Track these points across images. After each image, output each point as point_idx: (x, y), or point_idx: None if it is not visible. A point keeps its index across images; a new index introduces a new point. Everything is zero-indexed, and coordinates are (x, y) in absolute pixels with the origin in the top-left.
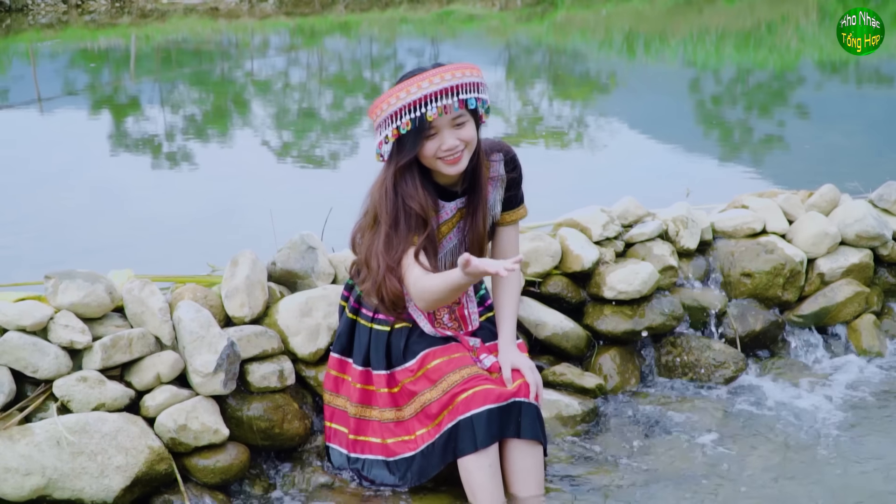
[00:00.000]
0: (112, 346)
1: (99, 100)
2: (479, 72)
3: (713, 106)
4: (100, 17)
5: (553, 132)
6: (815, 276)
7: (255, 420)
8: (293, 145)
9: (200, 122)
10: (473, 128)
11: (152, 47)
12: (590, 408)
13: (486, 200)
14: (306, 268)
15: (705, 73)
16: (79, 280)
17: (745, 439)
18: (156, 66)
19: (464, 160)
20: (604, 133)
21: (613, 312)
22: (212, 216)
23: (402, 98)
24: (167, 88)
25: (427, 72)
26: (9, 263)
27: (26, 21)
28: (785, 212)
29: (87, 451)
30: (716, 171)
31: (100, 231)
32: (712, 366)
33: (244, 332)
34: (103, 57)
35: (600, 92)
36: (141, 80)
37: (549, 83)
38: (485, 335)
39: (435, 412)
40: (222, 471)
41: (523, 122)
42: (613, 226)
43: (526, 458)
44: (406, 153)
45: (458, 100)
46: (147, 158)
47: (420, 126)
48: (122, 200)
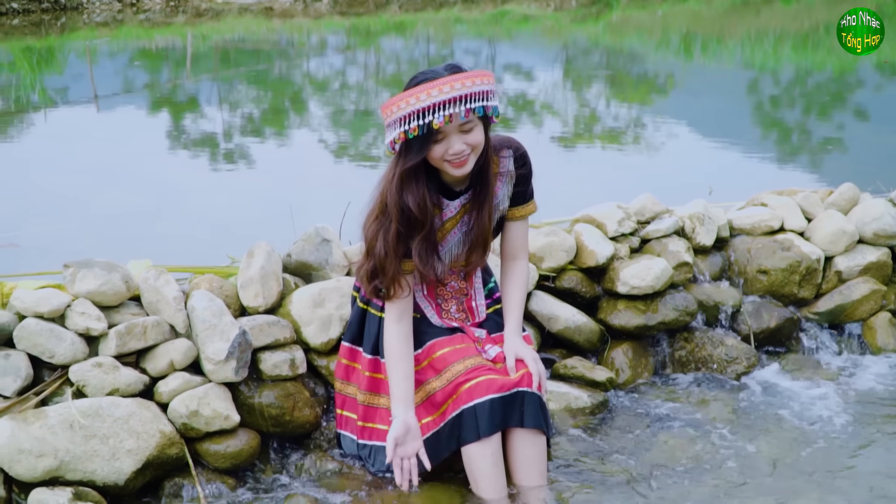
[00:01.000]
0: (127, 333)
1: (157, 98)
2: (489, 79)
3: (771, 108)
4: (154, 16)
5: (610, 133)
6: (833, 274)
7: (266, 407)
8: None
9: (257, 120)
10: (481, 132)
11: (209, 46)
12: (599, 401)
13: (492, 197)
14: (320, 260)
15: (763, 75)
16: (96, 269)
17: (754, 435)
18: (214, 65)
19: (470, 163)
20: (660, 134)
21: (626, 307)
22: (265, 212)
23: (412, 104)
24: (224, 87)
25: (438, 80)
26: (59, 255)
27: (81, 19)
28: (804, 210)
29: (100, 435)
30: (775, 173)
31: (152, 225)
32: (725, 361)
33: (257, 322)
34: (161, 56)
35: (658, 93)
36: (199, 78)
37: (607, 84)
38: (491, 326)
39: (440, 401)
40: (233, 456)
41: (580, 123)
42: (629, 222)
43: (529, 447)
44: (413, 156)
45: (465, 109)
46: (203, 156)
47: (427, 132)
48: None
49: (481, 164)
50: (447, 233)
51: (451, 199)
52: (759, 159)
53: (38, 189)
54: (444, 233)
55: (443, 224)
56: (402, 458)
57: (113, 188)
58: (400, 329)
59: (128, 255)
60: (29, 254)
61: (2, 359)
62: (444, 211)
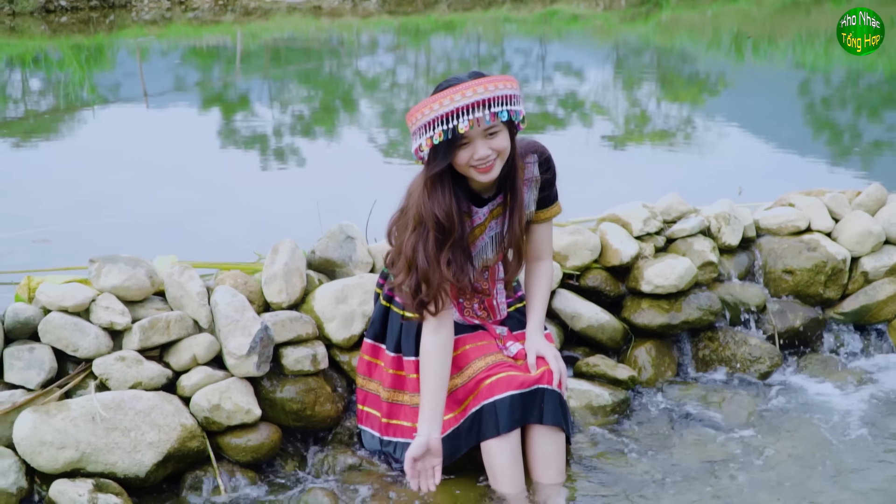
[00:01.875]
0: (150, 327)
1: (207, 97)
2: (514, 84)
3: (823, 108)
4: (203, 14)
5: (659, 133)
6: (859, 275)
7: (288, 402)
8: (400, 143)
9: (307, 118)
10: (506, 138)
11: (259, 45)
12: (621, 399)
13: (522, 204)
14: (344, 257)
15: (815, 76)
16: (121, 264)
17: (775, 435)
18: (265, 63)
19: (496, 168)
20: (711, 134)
21: (650, 306)
22: (310, 210)
23: (436, 109)
24: (274, 85)
25: (461, 84)
26: (97, 251)
27: (129, 17)
28: (831, 210)
29: (121, 427)
30: (824, 174)
31: (196, 222)
32: (748, 361)
33: (279, 317)
34: (211, 54)
35: (709, 93)
36: (250, 76)
37: (658, 84)
38: (513, 324)
39: (461, 397)
40: (253, 450)
41: (630, 123)
42: (655, 221)
43: (548, 444)
44: (439, 162)
45: (489, 113)
46: (252, 154)
47: (453, 137)
48: (223, 192)
49: (508, 170)
50: (476, 238)
51: (480, 206)
52: (809, 160)
53: (83, 186)
54: (473, 238)
55: (472, 230)
56: (418, 471)
57: (160, 185)
58: (437, 340)
59: (167, 251)
60: (65, 249)
61: (26, 352)
62: (473, 218)
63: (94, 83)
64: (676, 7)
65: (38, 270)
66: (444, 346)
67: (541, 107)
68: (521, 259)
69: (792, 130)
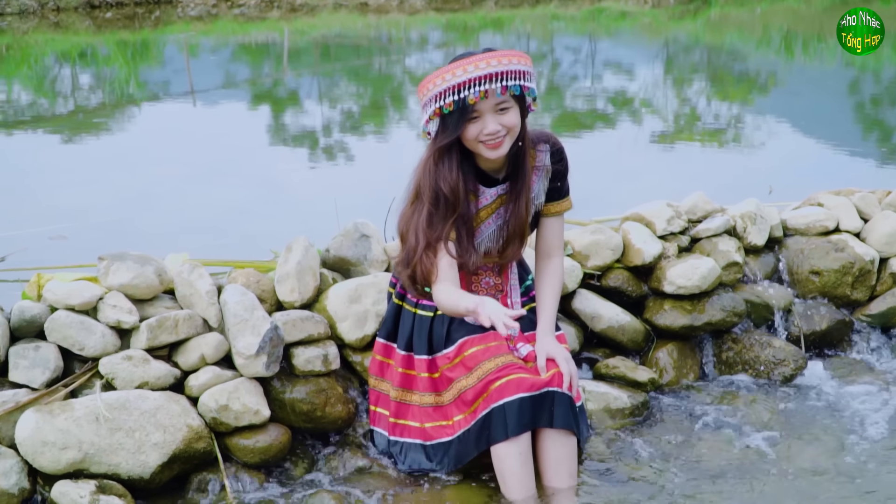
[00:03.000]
0: (158, 326)
1: (254, 93)
2: (527, 60)
3: (872, 107)
4: (249, 11)
5: (709, 131)
6: (888, 276)
7: (298, 403)
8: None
9: (356, 115)
10: (517, 114)
11: (307, 41)
12: (640, 401)
13: (529, 188)
14: (359, 255)
15: (865, 74)
16: (129, 262)
17: (796, 440)
18: (315, 60)
19: (505, 145)
20: (760, 133)
21: (672, 307)
22: (357, 206)
23: (448, 80)
24: (324, 82)
25: (474, 56)
26: (124, 247)
27: (175, 13)
28: (860, 210)
29: (125, 428)
30: (870, 173)
31: (239, 219)
32: (772, 363)
33: (290, 317)
34: (260, 51)
35: (759, 91)
36: (300, 73)
37: (708, 81)
38: (524, 324)
39: (471, 399)
40: (262, 451)
41: (680, 121)
42: (679, 220)
43: (558, 447)
44: (448, 134)
45: (500, 86)
46: (300, 150)
47: (463, 108)
48: (270, 189)
49: (516, 151)
50: (482, 222)
51: (489, 186)
52: (855, 159)
53: (122, 182)
54: (478, 221)
55: (478, 212)
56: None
57: (202, 182)
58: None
59: (195, 247)
60: (87, 245)
61: (32, 350)
62: (479, 198)
63: (140, 79)
64: (725, 5)
65: (49, 268)
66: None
67: (591, 104)
68: (522, 242)
69: (839, 129)
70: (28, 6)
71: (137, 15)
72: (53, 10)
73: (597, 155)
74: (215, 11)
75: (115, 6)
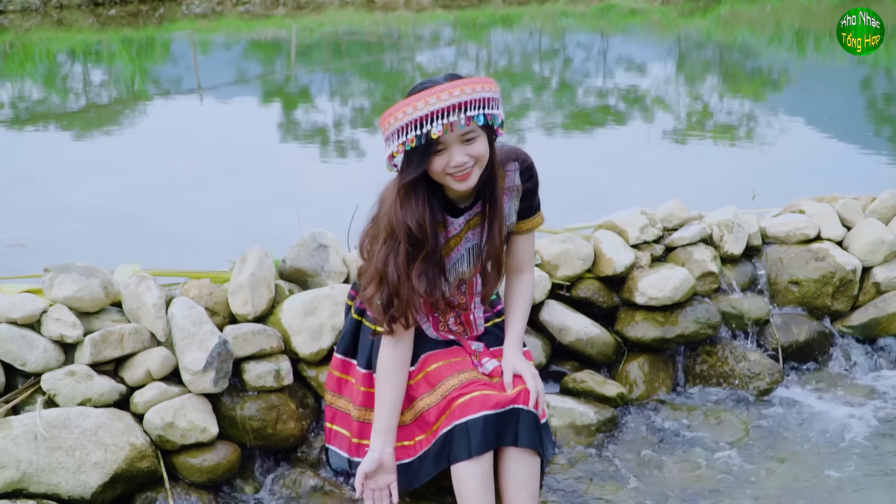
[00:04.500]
0: (102, 341)
1: (265, 91)
2: (492, 86)
3: (884, 104)
4: (254, 8)
5: (723, 127)
6: (871, 286)
7: (248, 419)
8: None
9: (368, 112)
10: (484, 143)
11: (315, 38)
12: (607, 417)
13: (502, 214)
14: (316, 266)
15: (876, 71)
16: (74, 274)
17: (770, 458)
18: (325, 57)
19: (473, 176)
20: (773, 130)
21: (644, 319)
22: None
23: (409, 114)
24: (334, 79)
25: (435, 87)
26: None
27: (179, 11)
28: (842, 217)
29: (65, 447)
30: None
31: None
32: (747, 377)
33: (242, 330)
34: (266, 48)
35: (771, 88)
36: (311, 70)
37: (720, 78)
38: (490, 340)
39: (433, 419)
40: (209, 470)
41: (692, 118)
42: (653, 229)
43: (522, 468)
44: (413, 169)
45: (464, 117)
46: (313, 148)
47: (427, 142)
48: (290, 188)
49: (487, 177)
50: (451, 251)
51: (456, 216)
52: (865, 159)
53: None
54: (447, 250)
55: (447, 242)
56: (372, 490)
57: (216, 179)
58: (396, 354)
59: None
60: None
61: None
62: (448, 228)
63: (144, 77)
64: (735, 2)
65: (2, 278)
66: (403, 361)
67: (602, 100)
68: (500, 271)
69: (848, 127)
70: (31, 3)
71: (141, 12)
72: (56, 8)
73: (610, 151)
74: (220, 9)
75: (118, 3)
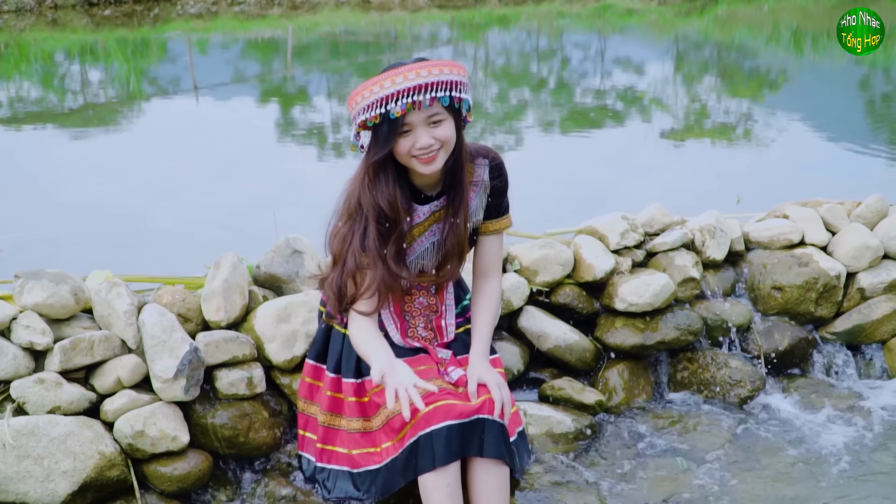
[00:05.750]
0: (72, 348)
1: (263, 90)
2: (460, 70)
3: (882, 105)
4: (249, 8)
5: (722, 127)
6: (855, 292)
7: (220, 428)
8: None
9: None
10: (451, 127)
11: (313, 37)
12: (585, 425)
13: (467, 204)
14: (290, 272)
15: (875, 72)
16: (44, 280)
17: (749, 468)
18: (324, 56)
19: (439, 160)
20: (772, 130)
21: (624, 325)
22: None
23: (375, 92)
24: (330, 79)
25: (402, 66)
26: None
27: (174, 11)
28: (827, 222)
29: (34, 455)
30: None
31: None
32: (728, 384)
33: (214, 338)
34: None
35: (770, 88)
36: (308, 70)
37: (718, 78)
38: (458, 348)
39: (398, 426)
40: (180, 479)
41: (690, 117)
42: (634, 234)
43: (489, 478)
44: (380, 148)
45: (429, 97)
46: (310, 148)
47: (392, 122)
48: (287, 190)
49: (452, 165)
50: (414, 240)
51: (422, 203)
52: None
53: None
54: (411, 239)
55: (410, 230)
56: (395, 390)
57: (210, 179)
58: (367, 321)
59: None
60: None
61: None
62: (413, 216)
63: (140, 77)
64: (732, 2)
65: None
66: (375, 325)
67: (600, 100)
68: (461, 261)
69: (845, 128)
70: (25, 4)
71: (136, 12)
72: (51, 8)
73: (604, 152)
74: (215, 9)
75: (113, 3)
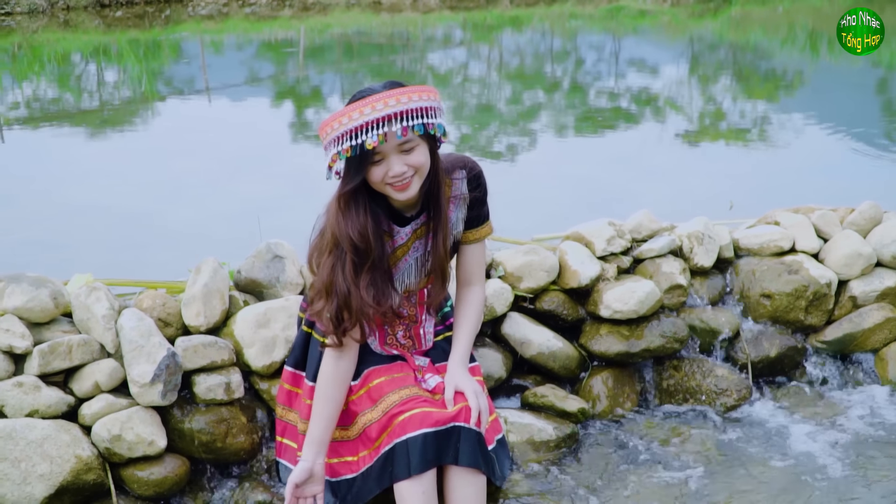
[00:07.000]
0: (50, 352)
1: (277, 91)
2: (432, 94)
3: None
4: (260, 10)
5: (736, 130)
6: (847, 300)
7: (197, 433)
8: (470, 137)
9: None
10: (425, 153)
11: (327, 39)
12: (567, 433)
13: (446, 223)
14: (271, 277)
15: (892, 73)
16: (24, 284)
17: (732, 475)
18: (337, 57)
19: (413, 186)
20: (787, 132)
21: (609, 332)
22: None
23: (345, 123)
24: (344, 80)
25: (372, 96)
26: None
27: (185, 12)
28: (819, 229)
29: (11, 458)
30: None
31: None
32: (714, 392)
33: (192, 342)
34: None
35: (785, 90)
36: (322, 71)
37: (734, 80)
38: (437, 355)
39: (375, 435)
40: (156, 483)
41: (705, 119)
42: (620, 240)
43: (465, 486)
44: (352, 179)
45: (401, 126)
46: (318, 150)
47: (363, 152)
48: (295, 190)
49: (429, 186)
50: (398, 260)
51: (402, 225)
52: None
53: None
54: (394, 260)
55: (393, 251)
56: (298, 499)
57: (223, 179)
58: (338, 368)
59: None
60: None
61: None
62: (394, 238)
63: (151, 78)
64: (746, 3)
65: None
66: (344, 376)
67: (614, 102)
68: (444, 282)
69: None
70: (38, 5)
71: (147, 14)
72: (63, 9)
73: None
74: (226, 10)
75: (125, 5)
